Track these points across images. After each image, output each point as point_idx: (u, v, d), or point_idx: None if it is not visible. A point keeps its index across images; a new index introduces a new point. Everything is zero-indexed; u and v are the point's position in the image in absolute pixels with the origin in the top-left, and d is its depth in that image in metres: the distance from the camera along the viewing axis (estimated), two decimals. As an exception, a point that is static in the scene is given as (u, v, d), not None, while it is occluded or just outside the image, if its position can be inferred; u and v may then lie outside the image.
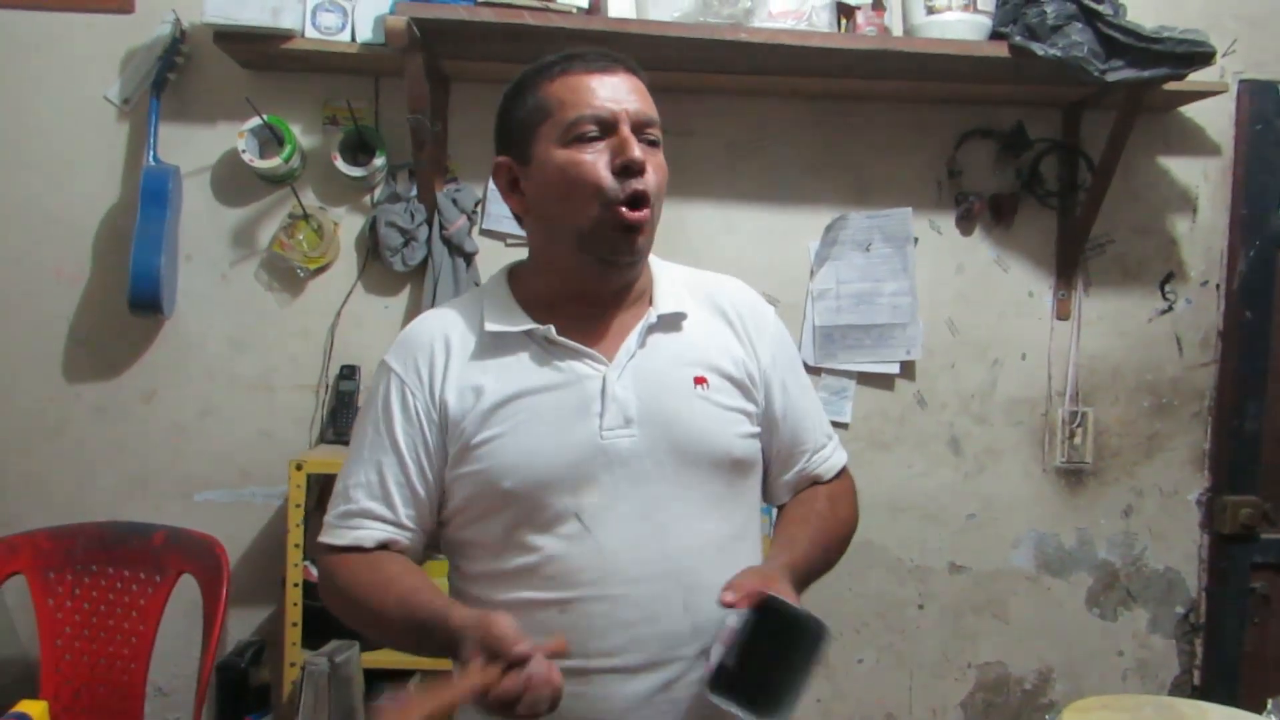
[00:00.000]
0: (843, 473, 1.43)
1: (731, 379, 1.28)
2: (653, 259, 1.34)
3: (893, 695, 2.57)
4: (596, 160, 1.18)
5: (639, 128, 1.20)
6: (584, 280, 1.26)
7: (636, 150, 1.18)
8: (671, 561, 1.19)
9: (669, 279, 1.34)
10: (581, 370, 1.23)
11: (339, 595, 1.25)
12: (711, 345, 1.29)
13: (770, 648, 1.06)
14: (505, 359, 1.24)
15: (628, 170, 1.18)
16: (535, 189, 1.24)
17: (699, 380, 1.25)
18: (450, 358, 1.26)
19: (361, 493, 1.26)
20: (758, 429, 1.31)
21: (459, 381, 1.24)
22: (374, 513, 1.25)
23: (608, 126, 1.19)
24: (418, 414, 1.25)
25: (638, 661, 1.18)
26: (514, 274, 1.34)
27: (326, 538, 1.27)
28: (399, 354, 1.30)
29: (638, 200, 1.19)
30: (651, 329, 1.27)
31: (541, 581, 1.19)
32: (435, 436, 1.24)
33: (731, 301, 1.35)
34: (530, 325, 1.25)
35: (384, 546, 1.25)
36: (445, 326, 1.29)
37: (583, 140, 1.19)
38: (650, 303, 1.29)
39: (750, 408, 1.29)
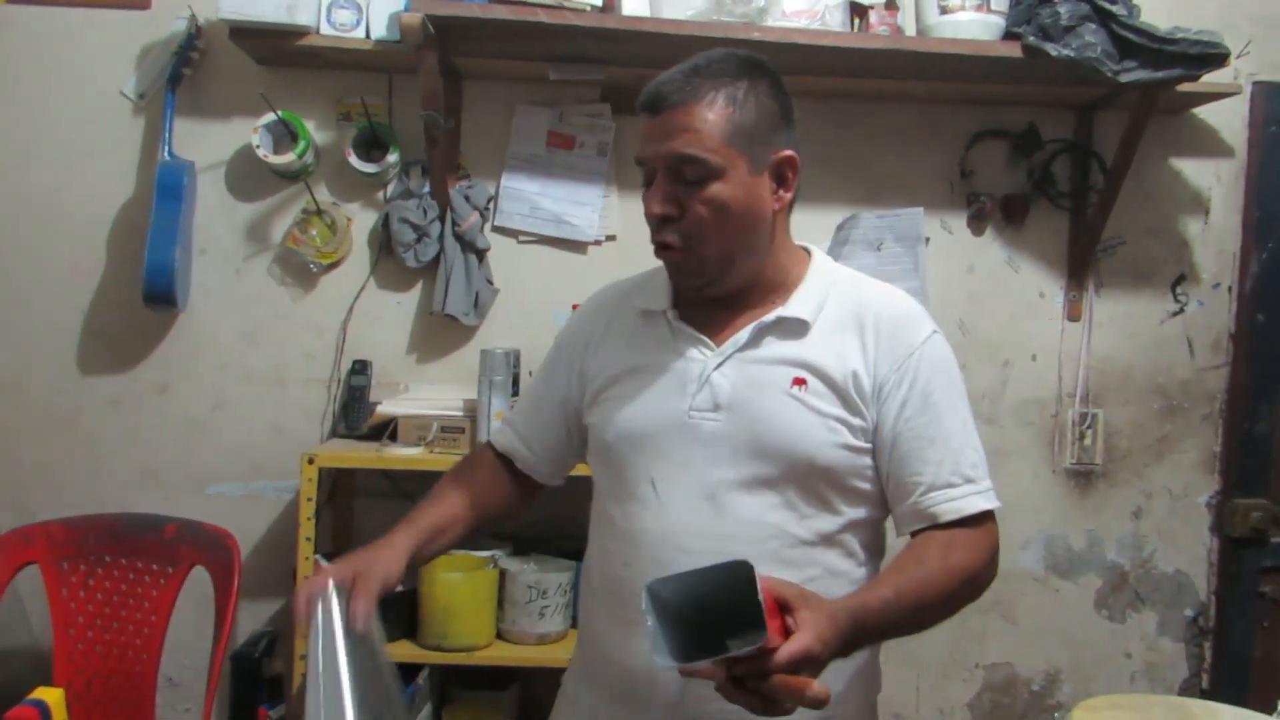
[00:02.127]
0: (977, 522, 1.27)
1: (834, 386, 1.26)
2: (819, 258, 1.37)
3: (900, 695, 2.57)
4: (649, 203, 1.28)
5: (675, 168, 1.24)
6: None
7: (655, 205, 1.25)
8: (725, 545, 1.19)
9: (820, 285, 1.33)
10: (690, 353, 1.31)
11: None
12: (828, 352, 1.28)
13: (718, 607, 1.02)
14: (644, 333, 1.37)
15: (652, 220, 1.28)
16: None
17: (797, 381, 1.26)
18: (610, 324, 1.43)
19: (520, 403, 1.59)
20: (864, 444, 1.27)
21: (607, 345, 1.41)
22: (516, 425, 1.52)
23: (649, 175, 1.28)
24: (569, 364, 1.45)
25: None
26: None
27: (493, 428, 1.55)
28: (583, 310, 1.52)
29: (664, 245, 1.28)
30: (766, 329, 1.29)
31: (617, 535, 1.32)
32: (576, 384, 1.44)
33: (877, 313, 1.30)
34: (665, 306, 1.36)
35: (509, 457, 1.50)
36: (618, 297, 1.46)
37: (643, 182, 1.30)
38: (783, 304, 1.31)
39: (853, 420, 1.26)
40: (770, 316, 1.29)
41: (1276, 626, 2.59)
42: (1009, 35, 2.24)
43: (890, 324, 1.30)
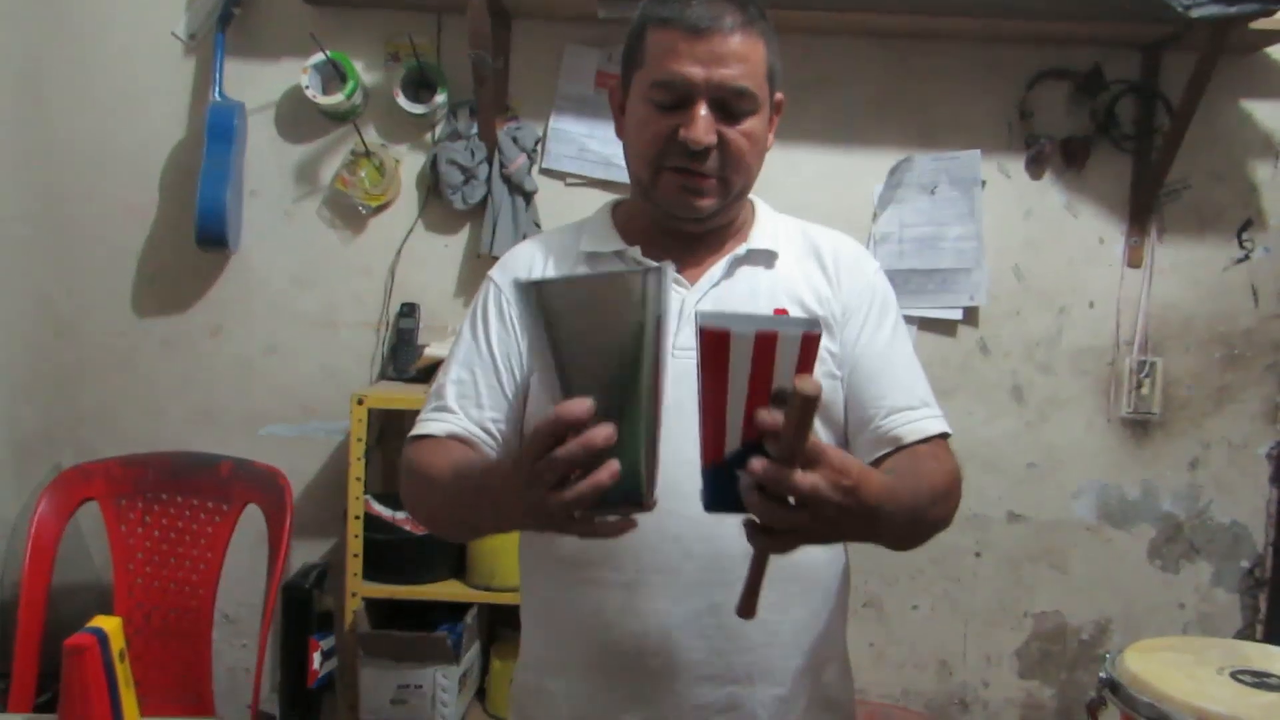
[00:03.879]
0: (937, 441, 1.25)
1: (812, 314, 1.26)
2: (761, 204, 1.36)
3: (947, 642, 2.56)
4: (661, 126, 1.19)
5: (723, 98, 1.18)
6: (662, 220, 1.28)
7: (699, 130, 1.17)
8: None
9: (771, 221, 1.34)
10: None
11: (406, 477, 1.26)
12: (800, 282, 1.29)
13: None
14: None
15: (686, 147, 1.18)
16: (626, 126, 1.28)
17: (779, 311, 1.24)
18: (546, 272, 1.30)
19: (453, 390, 1.29)
20: (839, 371, 1.28)
21: None
22: (461, 409, 1.28)
23: (684, 98, 1.18)
24: (511, 321, 1.29)
25: (688, 578, 1.18)
26: (617, 205, 1.38)
27: (415, 430, 1.29)
28: (500, 268, 1.36)
29: (690, 171, 1.20)
30: (739, 261, 1.28)
31: None
32: (527, 343, 1.28)
33: (833, 247, 1.33)
34: (621, 246, 1.29)
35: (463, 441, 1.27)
36: (546, 246, 1.35)
37: (656, 101, 1.20)
38: (745, 239, 1.30)
39: (832, 346, 1.27)
40: (741, 249, 1.28)
41: (1335, 580, 2.54)
42: (1075, -31, 2.17)
43: (847, 256, 1.33)
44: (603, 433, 0.88)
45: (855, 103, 2.46)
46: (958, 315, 2.48)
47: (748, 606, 0.99)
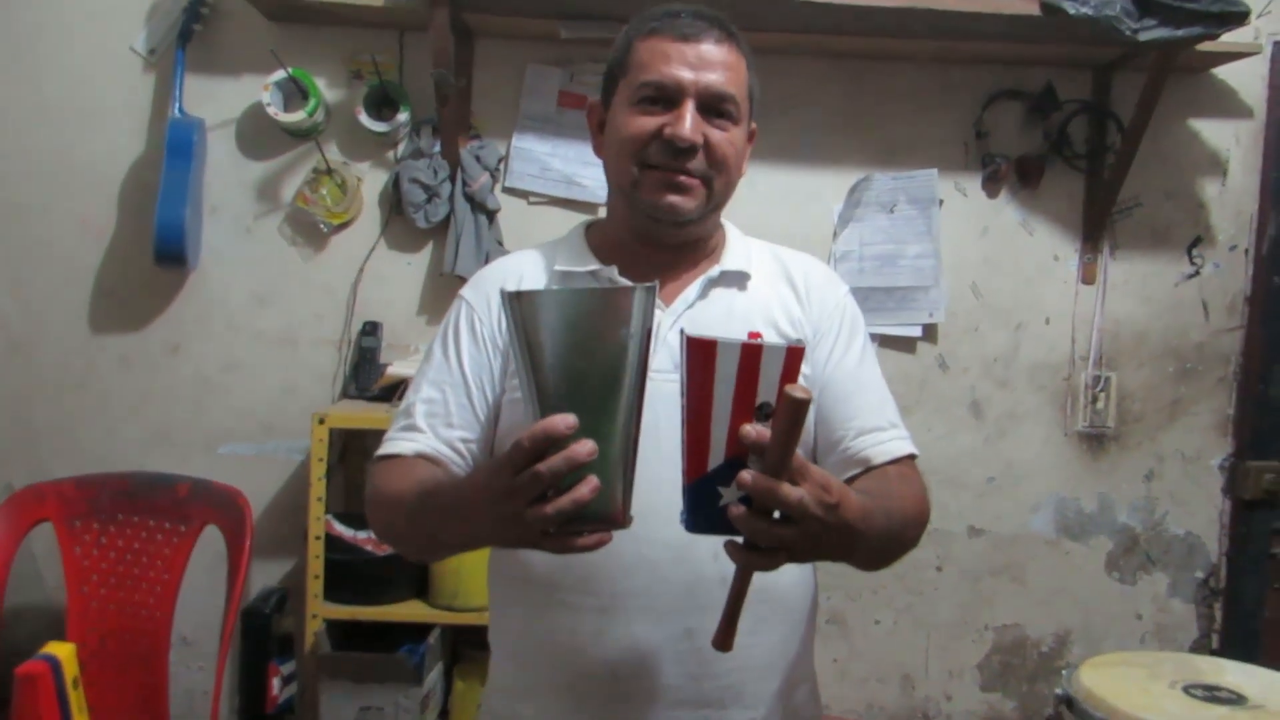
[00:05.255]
0: (905, 463, 1.26)
1: (786, 337, 1.28)
2: (731, 227, 1.37)
3: (910, 657, 2.58)
4: (648, 124, 1.21)
5: (710, 101, 1.21)
6: (642, 230, 1.28)
7: (685, 127, 1.19)
8: None
9: (742, 243, 1.36)
10: None
11: (372, 496, 1.24)
12: (773, 304, 1.30)
13: None
14: None
15: (672, 146, 1.19)
16: (606, 138, 1.29)
17: (753, 335, 1.24)
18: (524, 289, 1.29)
19: (422, 409, 1.27)
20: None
21: None
22: (431, 428, 1.26)
23: (672, 98, 1.20)
24: (484, 339, 1.28)
25: (663, 603, 1.18)
26: (590, 225, 1.38)
27: (381, 450, 1.27)
28: (473, 286, 1.34)
29: (675, 171, 1.21)
30: (714, 283, 1.29)
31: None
32: (499, 363, 1.27)
33: (803, 270, 1.35)
34: (596, 266, 1.28)
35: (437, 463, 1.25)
36: (519, 265, 1.34)
37: (643, 104, 1.21)
38: (719, 261, 1.32)
39: (805, 369, 1.27)
40: (715, 271, 1.29)
41: (1287, 589, 2.59)
42: (1027, -8, 2.22)
43: (817, 278, 1.35)
44: (586, 448, 0.89)
45: (815, 123, 2.49)
46: (917, 332, 2.51)
47: (725, 639, 0.99)
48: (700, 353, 0.89)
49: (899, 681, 2.58)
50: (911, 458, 1.27)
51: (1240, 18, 2.16)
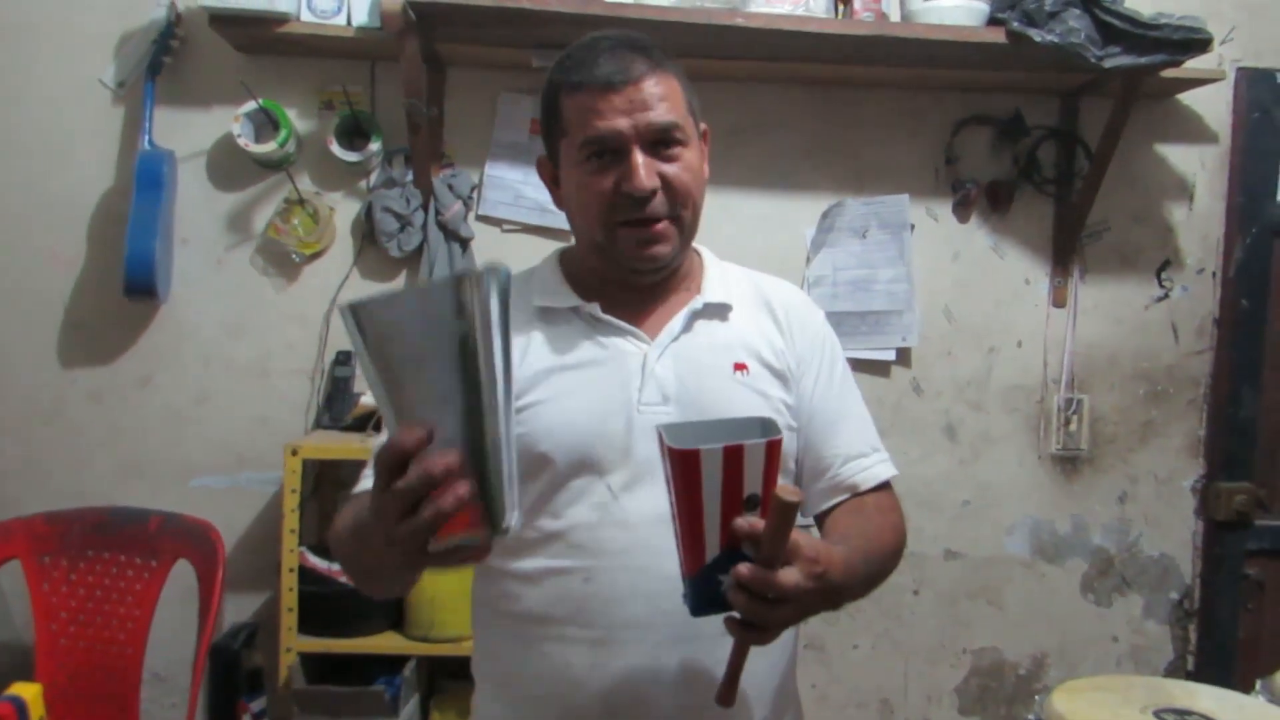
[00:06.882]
0: (886, 488, 1.33)
1: (772, 369, 1.28)
2: (706, 252, 1.37)
3: (888, 681, 2.58)
4: (603, 184, 1.20)
5: (655, 136, 1.20)
6: (619, 275, 1.28)
7: (640, 179, 1.18)
8: None
9: (720, 272, 1.35)
10: (624, 347, 1.25)
11: (329, 535, 1.22)
12: (755, 335, 1.30)
13: None
14: (551, 332, 1.26)
15: (631, 197, 1.19)
16: (565, 197, 1.28)
17: (739, 366, 1.26)
18: None
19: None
20: (794, 423, 1.29)
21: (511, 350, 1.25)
22: None
23: (617, 149, 1.19)
24: None
25: (660, 634, 1.17)
26: (564, 255, 1.37)
27: (354, 489, 1.25)
28: None
29: (643, 223, 1.21)
30: (696, 315, 1.29)
31: (567, 549, 1.20)
32: None
33: (782, 299, 1.35)
34: (577, 302, 1.27)
35: None
36: None
37: (591, 160, 1.20)
38: (698, 290, 1.31)
39: (790, 399, 1.29)
40: (698, 303, 1.29)
41: (1260, 608, 2.61)
42: (993, 21, 2.24)
43: (796, 307, 1.36)
44: (442, 460, 0.85)
45: (787, 149, 2.51)
46: (891, 356, 2.52)
47: (729, 696, 1.03)
48: (684, 461, 0.92)
49: (878, 706, 2.58)
50: (887, 482, 1.33)
51: (1203, 45, 2.20)
